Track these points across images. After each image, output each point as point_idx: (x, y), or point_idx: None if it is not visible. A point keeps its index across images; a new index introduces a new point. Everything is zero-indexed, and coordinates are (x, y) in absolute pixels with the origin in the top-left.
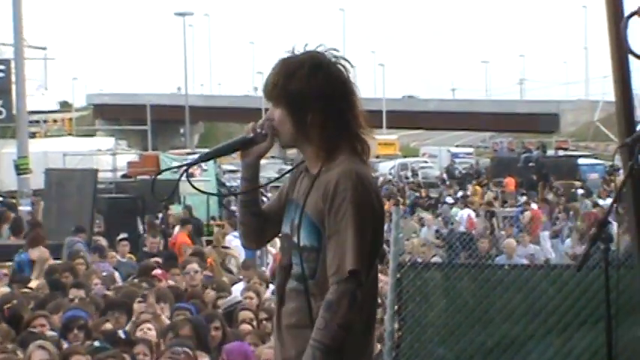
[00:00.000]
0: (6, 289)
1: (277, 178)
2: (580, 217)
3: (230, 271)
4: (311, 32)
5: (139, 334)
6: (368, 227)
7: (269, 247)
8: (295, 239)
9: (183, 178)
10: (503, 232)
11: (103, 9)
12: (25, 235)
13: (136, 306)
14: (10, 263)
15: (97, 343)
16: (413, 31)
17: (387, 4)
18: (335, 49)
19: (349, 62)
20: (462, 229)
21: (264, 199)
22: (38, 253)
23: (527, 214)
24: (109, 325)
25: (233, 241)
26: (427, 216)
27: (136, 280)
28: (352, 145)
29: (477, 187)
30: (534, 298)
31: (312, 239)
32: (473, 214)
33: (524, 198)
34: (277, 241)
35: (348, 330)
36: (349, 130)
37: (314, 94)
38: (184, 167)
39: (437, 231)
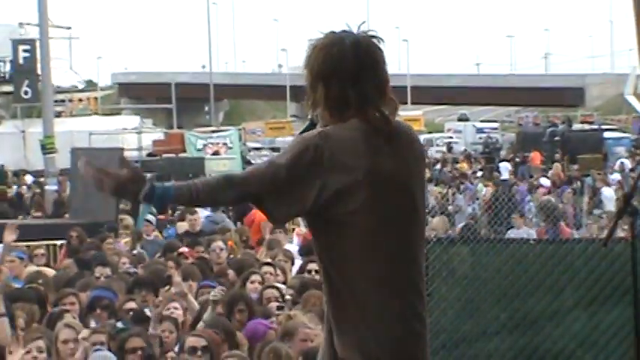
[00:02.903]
0: (32, 269)
1: None
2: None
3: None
4: (334, 8)
5: (165, 313)
6: (294, 157)
7: (298, 227)
8: None
9: (209, 155)
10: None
11: None
12: (52, 214)
13: (162, 292)
14: (45, 243)
15: (120, 324)
16: (437, 6)
17: None
18: (371, 30)
19: (373, 37)
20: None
21: None
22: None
23: (488, 189)
24: (132, 304)
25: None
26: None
27: (162, 259)
28: (362, 117)
29: (464, 164)
30: (559, 273)
31: None
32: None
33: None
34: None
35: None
36: (355, 104)
37: (317, 75)
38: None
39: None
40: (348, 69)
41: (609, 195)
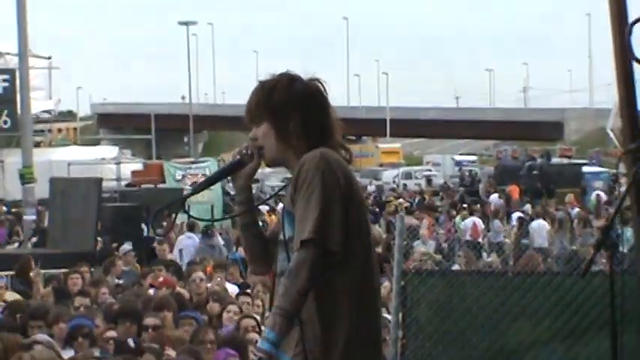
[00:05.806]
0: (15, 297)
1: (267, 199)
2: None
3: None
4: (314, 41)
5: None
6: (333, 199)
7: None
8: (280, 236)
9: (188, 186)
10: (507, 241)
11: (107, 18)
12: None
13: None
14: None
15: (97, 353)
16: (416, 39)
17: (390, 13)
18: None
19: (322, 81)
20: (467, 237)
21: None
22: None
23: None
24: (112, 333)
25: (185, 240)
26: (422, 231)
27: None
28: (337, 145)
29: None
30: (538, 305)
31: (292, 228)
32: (479, 222)
33: (528, 206)
34: None
35: (306, 295)
36: (329, 137)
37: (293, 103)
38: (183, 199)
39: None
40: (323, 99)
41: (537, 227)
